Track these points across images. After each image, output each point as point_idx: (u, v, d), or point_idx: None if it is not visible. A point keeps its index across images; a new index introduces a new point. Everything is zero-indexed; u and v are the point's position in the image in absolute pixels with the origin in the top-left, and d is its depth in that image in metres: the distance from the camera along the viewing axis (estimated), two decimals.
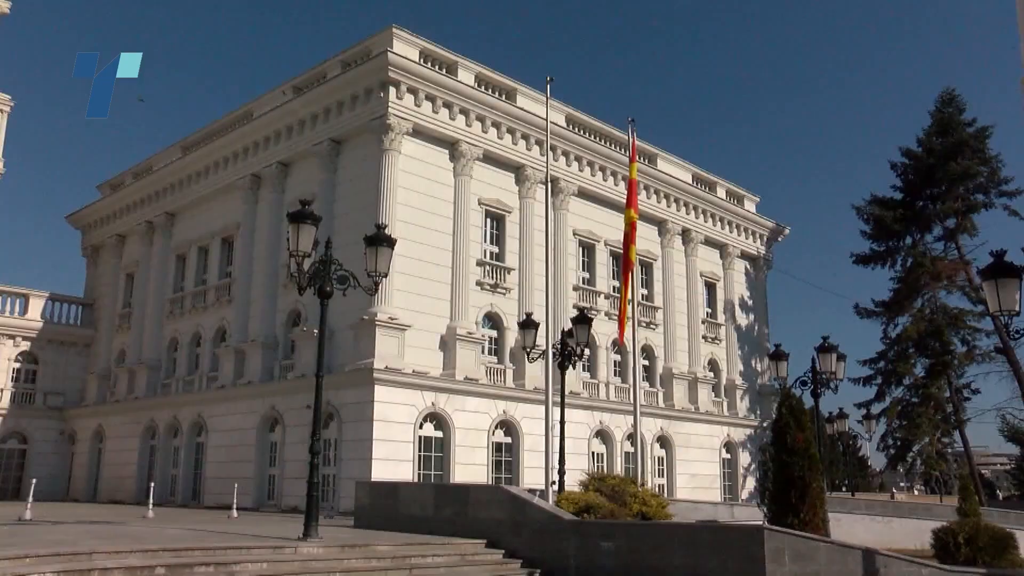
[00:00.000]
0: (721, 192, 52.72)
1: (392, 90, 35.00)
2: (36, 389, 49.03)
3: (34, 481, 26.04)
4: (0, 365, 47.47)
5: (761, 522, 17.56)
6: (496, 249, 38.77)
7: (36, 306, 49.53)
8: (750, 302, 54.15)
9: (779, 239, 57.32)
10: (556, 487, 23.06)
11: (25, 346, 48.63)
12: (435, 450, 33.88)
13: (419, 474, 32.88)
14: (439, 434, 34.12)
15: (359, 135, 36.38)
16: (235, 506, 28.72)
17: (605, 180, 43.88)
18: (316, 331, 33.30)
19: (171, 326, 45.53)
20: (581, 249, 43.04)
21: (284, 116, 39.44)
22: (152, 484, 30.22)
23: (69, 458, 49.43)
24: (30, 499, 23.96)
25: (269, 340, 38.05)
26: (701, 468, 46.58)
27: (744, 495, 48.42)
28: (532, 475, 35.04)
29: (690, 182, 49.90)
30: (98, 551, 13.82)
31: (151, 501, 27.63)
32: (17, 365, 48.50)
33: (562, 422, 24.84)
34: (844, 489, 69.10)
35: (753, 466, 49.72)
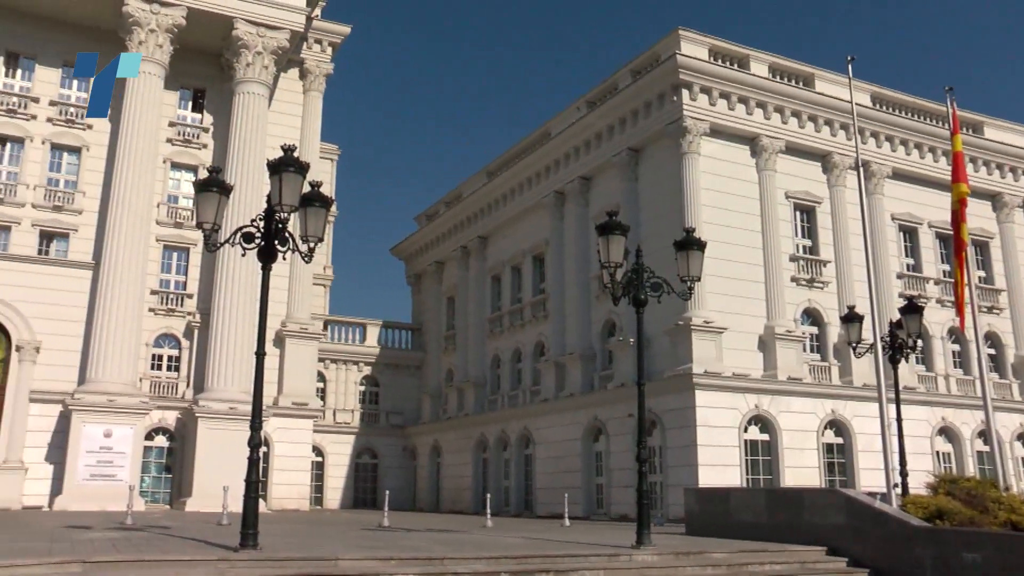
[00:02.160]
0: None
1: (685, 92, 34.68)
2: (379, 409, 53.63)
3: (387, 492, 28.45)
4: (349, 389, 52.50)
5: None
6: (808, 242, 37.05)
7: (373, 334, 54.28)
8: None
9: None
10: (899, 490, 21.41)
11: (367, 370, 53.42)
12: (762, 453, 32.85)
13: (747, 479, 32.04)
14: (765, 437, 33.05)
15: (657, 141, 36.36)
16: (566, 515, 29.51)
17: (922, 157, 40.54)
18: (632, 340, 33.89)
19: (492, 344, 47.93)
20: (902, 234, 40.01)
21: (581, 131, 40.33)
22: (488, 495, 31.87)
23: (412, 471, 53.48)
24: (386, 508, 26.17)
25: (587, 352, 38.88)
26: None
27: None
28: (868, 477, 32.98)
29: None
30: (448, 557, 14.71)
31: (488, 511, 29.05)
32: (362, 388, 53.36)
33: (899, 420, 23.10)
34: None
35: None
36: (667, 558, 15.95)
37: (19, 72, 39.93)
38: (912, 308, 23.44)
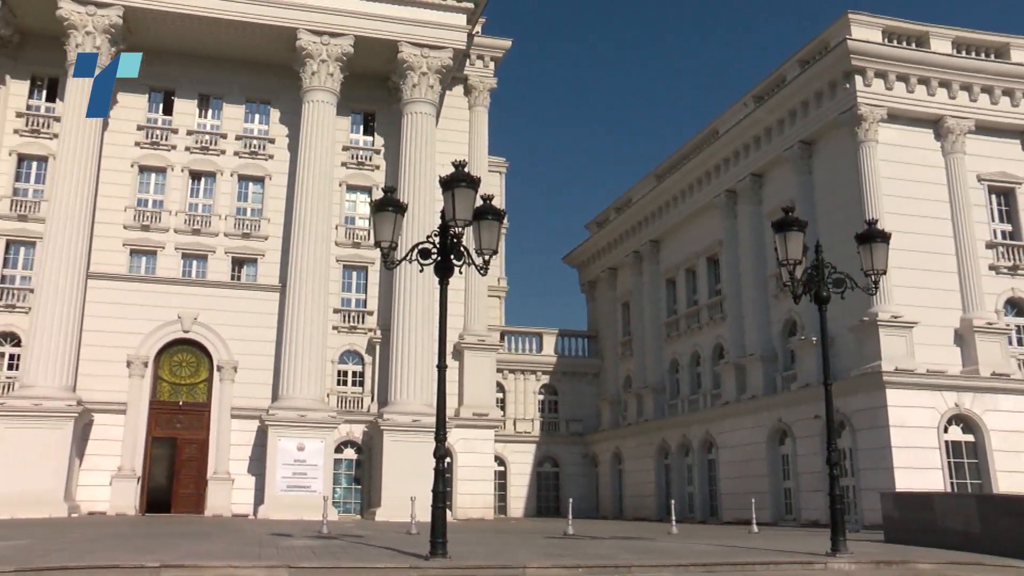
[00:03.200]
0: None
1: (858, 78, 33.16)
2: (559, 418, 53.86)
3: (571, 500, 28.50)
4: (528, 398, 53.02)
5: None
6: (1008, 227, 34.46)
7: (549, 343, 54.61)
8: None
9: None
10: None
11: (545, 379, 53.79)
12: (967, 456, 30.71)
13: (951, 483, 30.02)
14: (969, 438, 30.90)
15: (830, 132, 34.92)
16: (754, 521, 28.67)
17: None
18: (815, 339, 32.58)
19: (669, 348, 47.29)
20: None
21: (750, 127, 39.29)
22: (672, 501, 31.36)
23: (594, 479, 53.38)
24: (570, 516, 26.19)
25: (767, 353, 37.70)
26: None
27: None
28: None
29: None
30: (635, 564, 14.57)
31: (673, 518, 28.59)
32: (541, 397, 53.76)
33: None
34: None
35: None
36: (866, 567, 15.16)
37: (209, 112, 42.79)
38: None
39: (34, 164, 40.46)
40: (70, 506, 34.14)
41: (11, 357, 38.23)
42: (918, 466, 29.44)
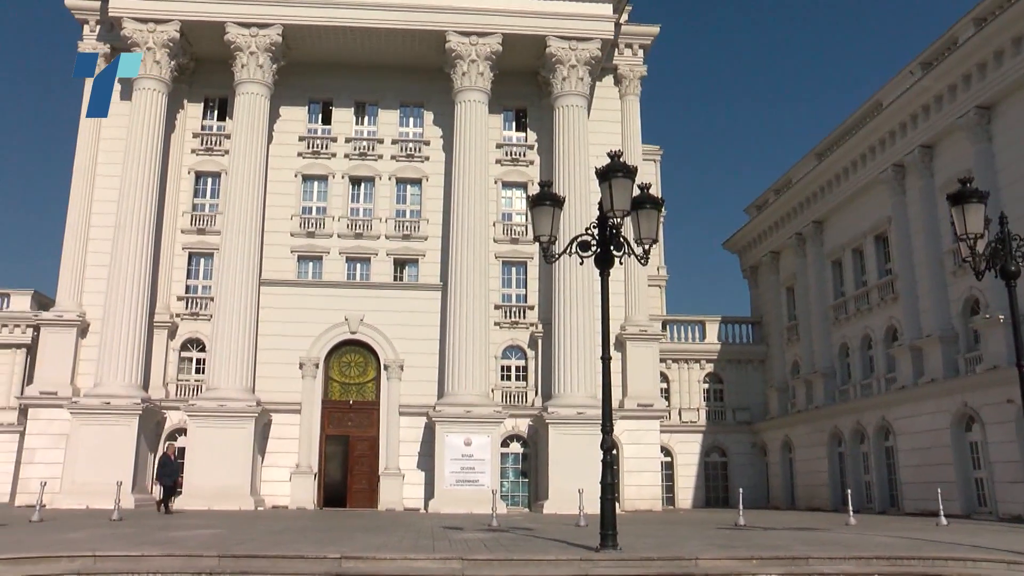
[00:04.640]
0: None
1: None
2: (725, 406, 52.70)
3: (740, 491, 27.84)
4: (693, 388, 52.16)
5: None
6: None
7: (712, 330, 53.52)
8: None
9: None
10: None
11: (709, 368, 52.75)
12: None
13: None
14: None
15: (1014, 93, 32.38)
16: (941, 512, 27.13)
17: None
18: (1002, 317, 30.48)
19: (838, 332, 45.46)
20: None
21: (917, 96, 37.15)
22: (848, 491, 30.02)
23: (763, 468, 51.97)
24: (740, 507, 25.58)
25: (947, 333, 35.55)
26: None
27: None
28: None
29: None
30: (813, 556, 14.11)
31: (850, 508, 27.47)
32: (706, 386, 52.78)
33: None
34: None
35: None
36: None
37: (366, 118, 44.28)
38: None
39: (209, 180, 43.05)
40: (256, 500, 36.18)
41: (198, 362, 40.90)
42: None
